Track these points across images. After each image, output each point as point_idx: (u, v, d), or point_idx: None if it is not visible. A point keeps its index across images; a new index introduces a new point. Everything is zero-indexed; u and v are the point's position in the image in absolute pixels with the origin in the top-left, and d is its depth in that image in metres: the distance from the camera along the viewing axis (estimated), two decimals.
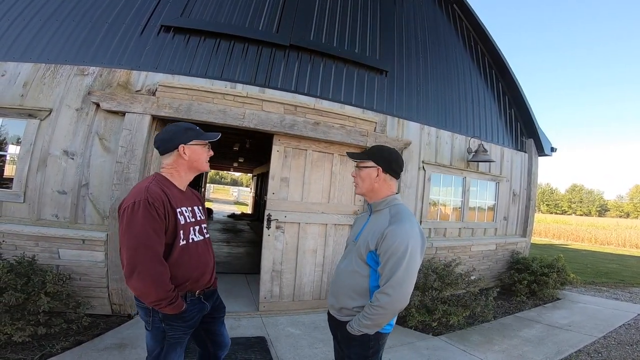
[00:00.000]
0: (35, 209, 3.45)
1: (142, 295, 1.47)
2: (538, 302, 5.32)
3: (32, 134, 3.49)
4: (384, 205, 1.64)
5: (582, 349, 3.66)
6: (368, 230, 1.61)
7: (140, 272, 1.41)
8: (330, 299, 1.72)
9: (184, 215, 1.63)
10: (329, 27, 4.73)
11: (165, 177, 1.67)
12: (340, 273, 1.68)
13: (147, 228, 1.44)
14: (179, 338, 1.61)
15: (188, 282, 1.61)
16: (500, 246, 6.11)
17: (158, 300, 1.46)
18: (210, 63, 4.01)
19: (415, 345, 3.43)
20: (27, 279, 2.77)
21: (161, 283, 1.45)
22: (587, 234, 19.83)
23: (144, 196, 1.47)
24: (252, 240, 9.03)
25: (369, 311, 1.46)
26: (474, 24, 6.32)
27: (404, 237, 1.45)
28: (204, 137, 1.72)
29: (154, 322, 1.58)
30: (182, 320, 1.59)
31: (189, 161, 1.69)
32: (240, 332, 3.43)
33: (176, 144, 1.66)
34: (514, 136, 6.73)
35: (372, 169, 1.65)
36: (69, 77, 3.63)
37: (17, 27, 3.76)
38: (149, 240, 1.44)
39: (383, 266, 1.46)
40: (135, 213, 1.44)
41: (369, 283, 1.56)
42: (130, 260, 1.42)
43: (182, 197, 1.69)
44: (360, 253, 1.57)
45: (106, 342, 2.91)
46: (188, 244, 1.62)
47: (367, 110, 4.73)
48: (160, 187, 1.57)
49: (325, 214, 4.33)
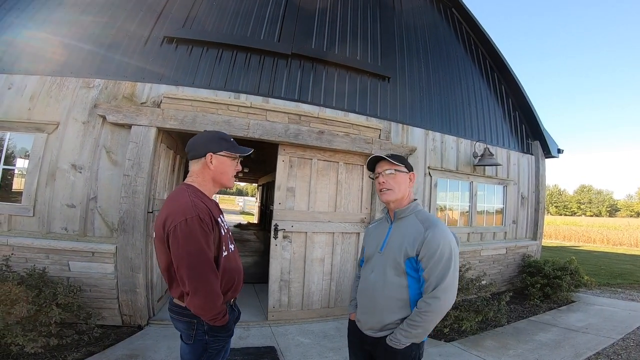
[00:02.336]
0: (45, 222, 3.49)
1: (203, 311, 1.45)
2: (552, 305, 5.22)
3: (40, 148, 3.54)
4: (409, 211, 1.60)
5: (600, 351, 3.57)
6: (396, 238, 1.55)
7: (203, 290, 1.40)
8: (364, 317, 1.61)
9: (222, 226, 1.60)
10: (330, 34, 4.77)
11: (197, 188, 1.59)
12: (373, 287, 1.58)
13: (203, 245, 1.41)
14: (220, 349, 1.59)
15: (230, 292, 1.60)
16: (511, 250, 6.03)
17: (217, 314, 1.45)
18: (214, 73, 4.06)
19: (428, 352, 3.36)
20: (39, 290, 2.80)
21: (219, 297, 1.45)
22: (598, 235, 19.52)
23: (194, 213, 1.42)
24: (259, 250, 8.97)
25: (419, 319, 1.41)
26: (474, 28, 6.35)
27: (446, 240, 1.44)
28: (236, 150, 1.63)
29: (197, 334, 1.53)
30: (225, 330, 1.57)
31: (214, 172, 1.61)
32: (250, 341, 3.39)
33: (205, 151, 1.59)
34: (520, 139, 6.68)
35: (406, 174, 1.62)
36: (74, 89, 3.69)
37: (23, 40, 3.79)
38: (208, 257, 1.42)
39: (429, 271, 1.42)
40: (191, 230, 1.40)
41: (409, 293, 1.50)
42: (192, 279, 1.39)
43: (216, 208, 1.64)
44: (397, 262, 1.50)
45: (117, 353, 2.90)
46: (229, 254, 1.60)
47: (370, 117, 4.74)
48: (201, 200, 1.52)
49: (332, 223, 4.32)
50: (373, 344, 1.57)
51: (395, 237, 1.56)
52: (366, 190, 4.58)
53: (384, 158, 1.63)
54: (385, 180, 1.61)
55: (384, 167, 1.63)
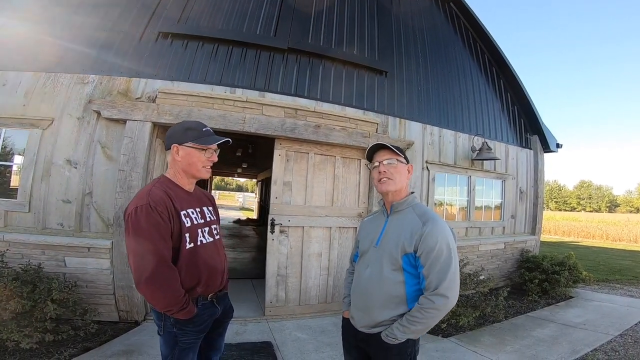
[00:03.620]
0: (41, 218, 3.47)
1: (153, 301, 1.44)
2: (550, 301, 5.22)
3: (35, 144, 3.53)
4: (406, 205, 1.55)
5: (598, 347, 3.57)
6: (393, 232, 1.51)
7: (147, 278, 1.37)
8: (358, 314, 1.57)
9: (190, 217, 1.57)
10: (327, 29, 4.73)
11: (169, 179, 1.61)
12: (368, 283, 1.53)
13: (152, 233, 1.40)
14: (190, 343, 1.57)
15: (198, 287, 1.56)
16: (509, 245, 6.02)
17: (168, 306, 1.44)
18: (210, 68, 4.02)
19: (424, 347, 3.36)
20: (33, 286, 2.79)
21: (170, 288, 1.42)
22: (597, 231, 19.48)
23: (146, 200, 1.43)
24: (257, 245, 9.03)
25: (420, 315, 1.37)
26: (472, 22, 6.30)
27: (444, 235, 1.41)
28: (201, 142, 1.58)
29: (166, 326, 1.55)
30: (193, 325, 1.55)
31: (182, 163, 1.59)
32: (247, 337, 3.40)
33: (170, 143, 1.58)
34: (518, 133, 6.66)
35: (404, 165, 1.58)
36: (69, 85, 3.66)
37: (17, 36, 3.75)
38: (155, 246, 1.40)
39: (429, 268, 1.38)
40: (139, 218, 1.40)
41: (405, 289, 1.45)
42: (137, 266, 1.39)
43: (189, 199, 1.62)
44: (393, 257, 1.46)
45: (113, 349, 2.90)
46: (196, 246, 1.56)
47: (368, 111, 4.71)
48: (163, 189, 1.52)
49: (329, 217, 4.30)
50: (367, 340, 1.54)
51: (392, 232, 1.52)
52: (363, 184, 4.56)
53: (384, 147, 1.59)
54: (386, 170, 1.55)
55: (385, 156, 1.58)
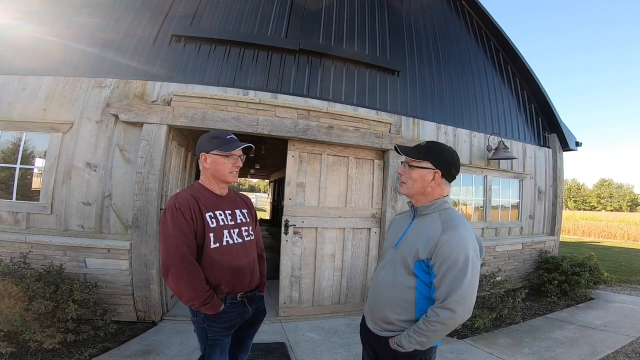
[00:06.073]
0: (62, 220, 3.58)
1: (177, 294, 1.56)
2: (570, 302, 5.09)
3: (56, 148, 3.63)
4: (433, 209, 1.46)
5: (619, 349, 3.47)
6: (413, 235, 1.45)
7: (173, 272, 1.53)
8: (369, 313, 1.57)
9: (217, 218, 1.68)
10: (337, 29, 4.72)
11: (200, 184, 1.76)
12: (380, 284, 1.51)
13: (175, 231, 1.55)
14: (217, 340, 1.66)
15: (223, 285, 1.65)
16: (527, 245, 5.89)
17: (191, 300, 1.55)
18: (222, 71, 4.06)
19: (439, 349, 3.29)
20: (56, 287, 2.87)
21: (192, 283, 1.53)
22: (619, 230, 18.84)
23: (173, 202, 1.61)
24: (270, 246, 9.07)
25: (425, 327, 1.30)
26: (484, 19, 6.16)
27: (462, 246, 1.30)
28: (224, 149, 1.70)
29: (197, 321, 1.68)
30: (219, 322, 1.64)
31: (210, 170, 1.72)
32: (260, 337, 3.41)
33: (199, 152, 1.74)
34: (536, 131, 6.50)
35: (427, 170, 1.44)
36: (87, 89, 3.75)
37: (35, 41, 3.84)
38: (178, 243, 1.55)
39: (440, 279, 1.30)
40: (166, 218, 1.58)
41: (415, 295, 1.40)
42: (164, 261, 1.55)
43: (218, 202, 1.74)
44: (406, 262, 1.40)
45: (132, 349, 2.97)
46: (221, 247, 1.66)
47: (380, 111, 4.68)
48: (191, 193, 1.68)
49: (342, 218, 4.30)
50: (377, 341, 1.53)
51: (412, 235, 1.46)
52: (377, 185, 4.53)
53: (401, 149, 1.51)
54: (402, 173, 1.51)
55: (402, 158, 1.54)
